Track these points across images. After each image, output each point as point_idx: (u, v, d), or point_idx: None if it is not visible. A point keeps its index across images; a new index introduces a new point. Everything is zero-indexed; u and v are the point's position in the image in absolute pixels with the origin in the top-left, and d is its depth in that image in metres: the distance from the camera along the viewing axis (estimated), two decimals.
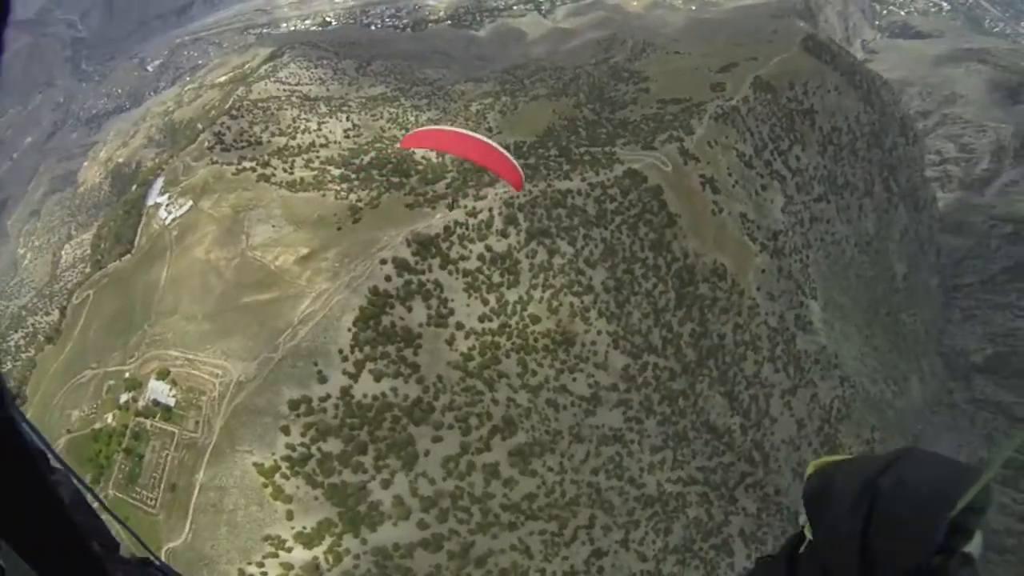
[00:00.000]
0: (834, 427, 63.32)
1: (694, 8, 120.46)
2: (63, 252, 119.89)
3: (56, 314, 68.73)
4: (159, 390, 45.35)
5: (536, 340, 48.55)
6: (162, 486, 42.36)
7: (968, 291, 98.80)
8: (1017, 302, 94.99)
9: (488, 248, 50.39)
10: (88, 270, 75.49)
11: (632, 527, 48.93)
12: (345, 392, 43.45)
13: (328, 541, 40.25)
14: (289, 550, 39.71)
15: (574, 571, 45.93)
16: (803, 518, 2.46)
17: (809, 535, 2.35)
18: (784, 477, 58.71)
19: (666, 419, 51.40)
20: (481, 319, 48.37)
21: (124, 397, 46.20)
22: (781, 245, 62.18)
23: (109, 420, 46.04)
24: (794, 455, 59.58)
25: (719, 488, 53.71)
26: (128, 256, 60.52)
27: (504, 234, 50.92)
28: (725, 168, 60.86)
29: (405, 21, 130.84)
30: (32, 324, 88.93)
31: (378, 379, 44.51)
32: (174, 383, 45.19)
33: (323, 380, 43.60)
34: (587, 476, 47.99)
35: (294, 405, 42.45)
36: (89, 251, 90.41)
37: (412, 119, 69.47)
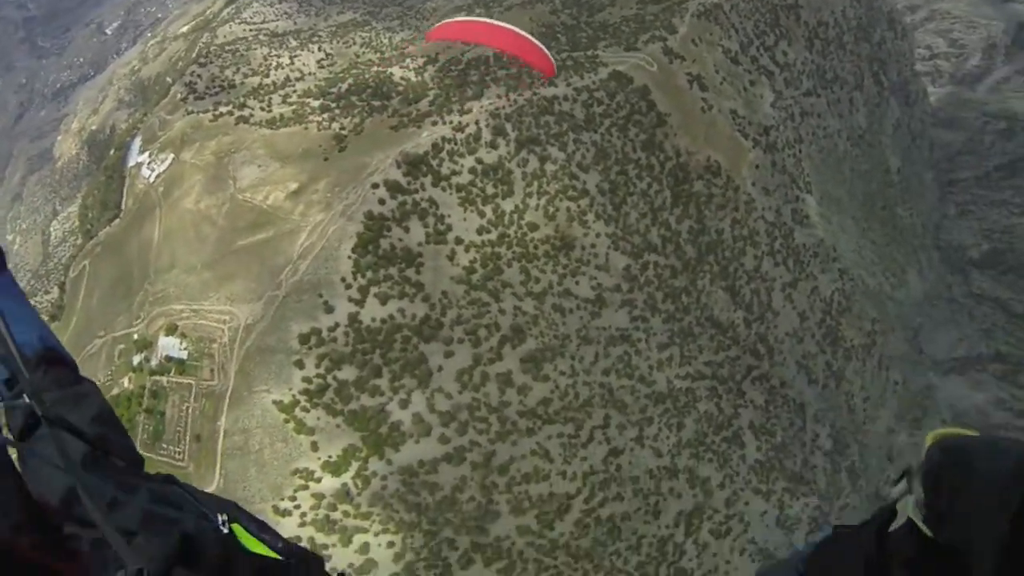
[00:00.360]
0: (835, 319, 64.07)
1: None
2: (51, 229, 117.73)
3: (56, 291, 67.80)
4: (170, 346, 45.40)
5: (536, 247, 48.29)
6: (187, 438, 42.90)
7: (963, 186, 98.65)
8: (1012, 199, 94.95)
9: (479, 161, 49.55)
10: (80, 242, 74.10)
11: (646, 424, 49.86)
12: (353, 319, 43.43)
13: (355, 466, 41.01)
14: (318, 480, 40.55)
15: (593, 471, 47.00)
16: (896, 491, 2.15)
17: (911, 512, 2.02)
18: (789, 369, 59.69)
19: (671, 316, 51.74)
20: (479, 231, 47.99)
21: (136, 359, 46.23)
22: (773, 140, 61.36)
23: (126, 384, 46.13)
24: (798, 347, 60.45)
25: (727, 382, 54.58)
26: (117, 221, 59.46)
27: (493, 145, 50.00)
28: (712, 65, 59.46)
29: None
30: (34, 306, 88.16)
31: (384, 302, 44.41)
32: (183, 336, 45.25)
33: (330, 310, 43.57)
34: (598, 377, 48.54)
35: (304, 339, 42.49)
36: (77, 223, 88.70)
37: (385, 41, 67.27)
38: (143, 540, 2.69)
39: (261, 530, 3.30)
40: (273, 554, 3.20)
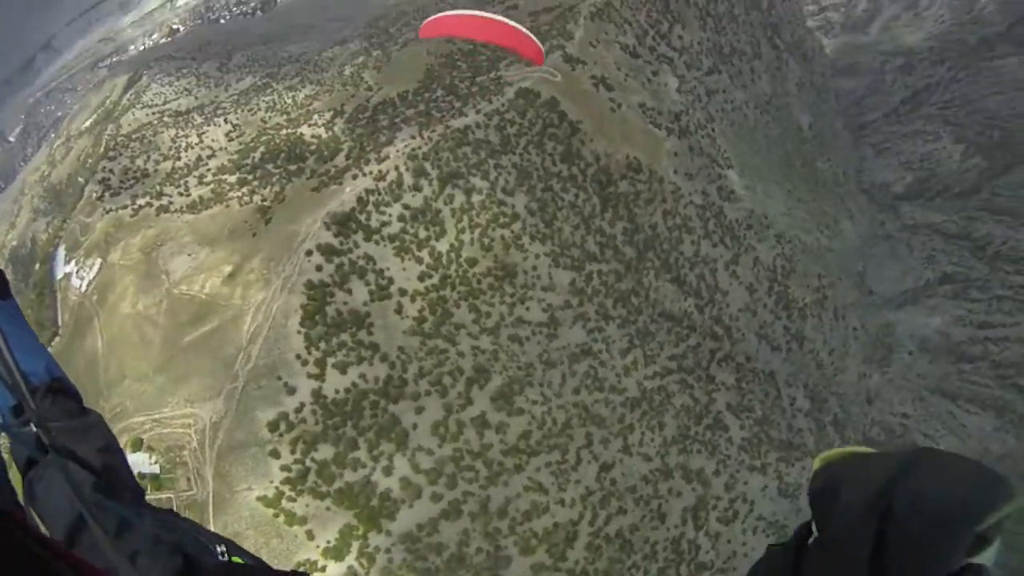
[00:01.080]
0: (782, 284, 65.75)
1: None
2: None
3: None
4: (139, 462, 43.26)
5: (479, 282, 48.13)
6: None
7: (874, 127, 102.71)
8: (924, 128, 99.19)
9: (406, 206, 49.25)
10: None
11: (628, 432, 50.07)
12: (317, 395, 42.46)
13: (356, 546, 40.00)
14: (323, 569, 39.39)
15: (589, 491, 46.90)
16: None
17: (814, 528, 2.07)
18: (750, 343, 60.91)
19: (625, 320, 52.20)
20: (421, 278, 47.59)
21: None
22: (685, 124, 62.74)
23: None
24: (753, 320, 61.76)
25: (694, 371, 55.29)
26: (57, 339, 57.05)
27: (417, 188, 49.78)
28: (613, 64, 60.50)
29: (252, 5, 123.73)
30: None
31: (343, 371, 43.56)
32: (151, 449, 43.38)
33: (292, 391, 42.43)
34: (570, 397, 48.58)
35: (273, 426, 41.35)
36: None
37: (289, 100, 66.32)
38: (147, 563, 2.71)
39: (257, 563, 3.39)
40: None
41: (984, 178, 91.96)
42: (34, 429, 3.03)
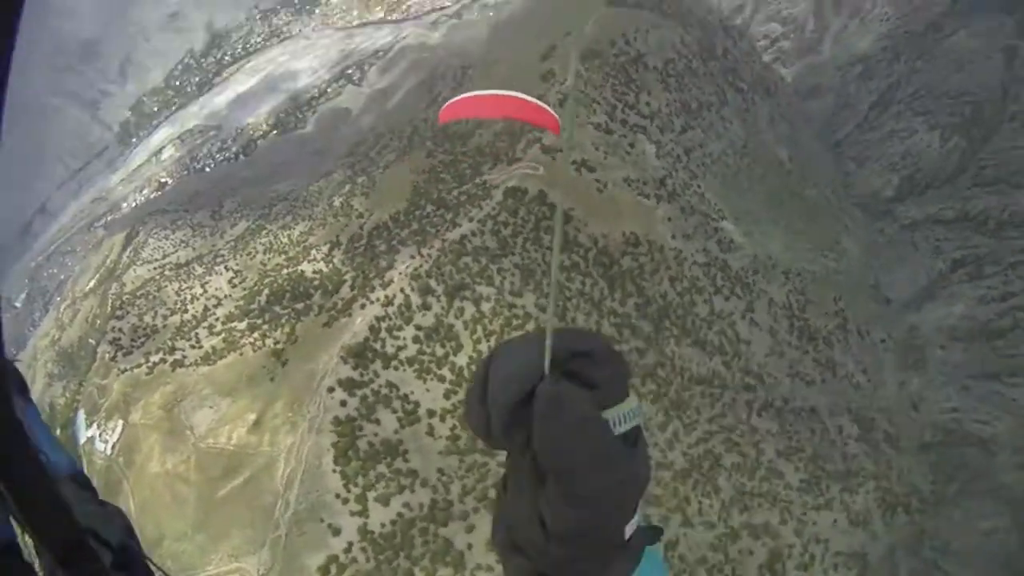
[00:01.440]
0: (801, 318, 65.37)
1: (491, 14, 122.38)
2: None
3: None
4: None
5: None
6: None
7: (850, 140, 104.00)
8: (897, 126, 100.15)
9: (418, 327, 49.70)
10: None
11: (685, 505, 48.96)
12: (364, 531, 41.98)
13: None
14: None
15: None
16: None
17: None
18: (784, 386, 60.04)
19: (657, 395, 51.69)
20: (447, 396, 47.59)
21: None
22: (672, 188, 63.77)
23: None
24: (781, 362, 61.07)
25: (736, 427, 54.36)
26: None
27: (426, 306, 50.36)
28: (590, 145, 62.03)
29: (234, 149, 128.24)
30: None
31: (386, 503, 43.25)
32: None
33: (337, 532, 42.04)
34: None
35: (324, 570, 40.74)
36: None
37: (286, 239, 68.10)
38: None
39: None
40: None
41: (967, 156, 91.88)
42: None
